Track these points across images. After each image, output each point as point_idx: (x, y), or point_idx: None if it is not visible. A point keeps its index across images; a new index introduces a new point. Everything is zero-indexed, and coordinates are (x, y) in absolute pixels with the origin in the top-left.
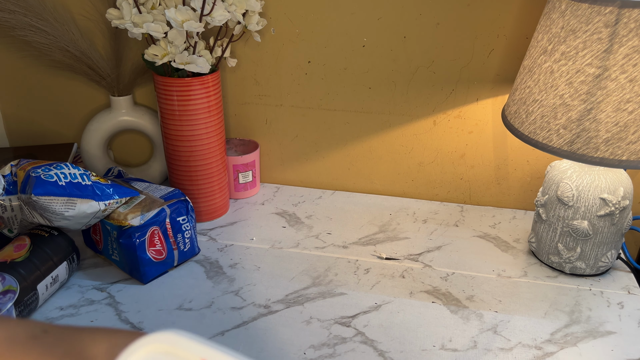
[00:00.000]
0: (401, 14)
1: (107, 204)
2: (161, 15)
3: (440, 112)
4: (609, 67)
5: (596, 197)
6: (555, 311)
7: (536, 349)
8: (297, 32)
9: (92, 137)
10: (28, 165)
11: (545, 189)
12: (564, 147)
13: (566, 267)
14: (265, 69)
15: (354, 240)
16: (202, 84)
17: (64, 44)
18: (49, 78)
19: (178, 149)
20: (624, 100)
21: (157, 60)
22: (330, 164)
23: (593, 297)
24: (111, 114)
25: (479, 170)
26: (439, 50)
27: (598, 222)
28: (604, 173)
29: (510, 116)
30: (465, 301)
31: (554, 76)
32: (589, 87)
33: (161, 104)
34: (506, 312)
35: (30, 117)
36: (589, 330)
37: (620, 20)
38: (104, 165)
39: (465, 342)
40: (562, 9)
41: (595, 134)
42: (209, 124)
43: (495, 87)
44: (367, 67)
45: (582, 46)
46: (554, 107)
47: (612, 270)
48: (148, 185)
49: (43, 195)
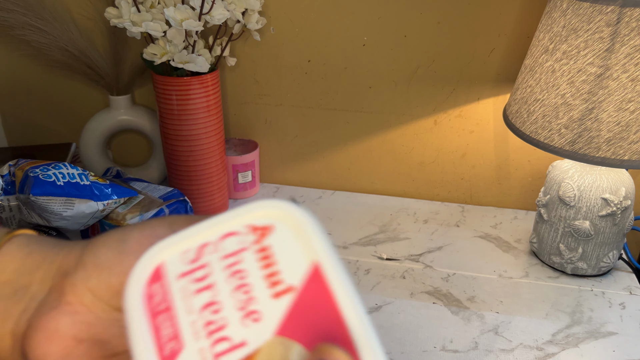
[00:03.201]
0: (402, 13)
1: (105, 204)
2: (160, 14)
3: (441, 112)
4: (610, 66)
5: (598, 197)
6: (557, 312)
7: (537, 350)
8: (297, 31)
9: (90, 137)
10: (26, 165)
11: (547, 189)
12: (565, 147)
13: (568, 267)
14: (264, 68)
15: (354, 241)
16: (201, 84)
17: (63, 43)
18: (47, 77)
19: (177, 148)
20: (625, 99)
21: (156, 60)
22: (330, 163)
23: (594, 297)
24: (110, 114)
25: (480, 170)
26: (439, 49)
27: (600, 223)
28: (606, 173)
29: (512, 116)
30: (466, 302)
31: (555, 75)
32: (591, 86)
33: (160, 103)
34: (507, 313)
35: (29, 117)
36: (591, 331)
37: (622, 20)
38: (102, 165)
39: (466, 343)
40: (563, 7)
41: (597, 134)
42: (208, 124)
43: (497, 87)
44: (367, 67)
45: (584, 45)
46: (555, 107)
47: (614, 271)
48: (147, 185)
49: (41, 195)
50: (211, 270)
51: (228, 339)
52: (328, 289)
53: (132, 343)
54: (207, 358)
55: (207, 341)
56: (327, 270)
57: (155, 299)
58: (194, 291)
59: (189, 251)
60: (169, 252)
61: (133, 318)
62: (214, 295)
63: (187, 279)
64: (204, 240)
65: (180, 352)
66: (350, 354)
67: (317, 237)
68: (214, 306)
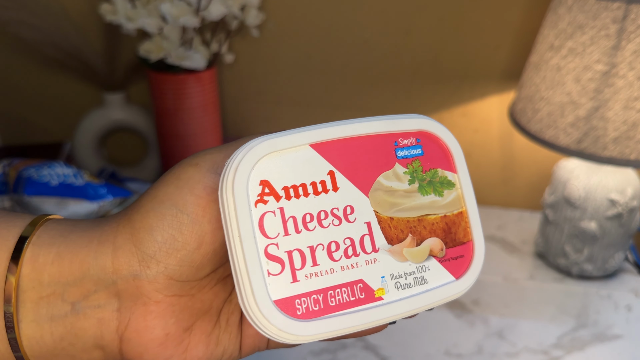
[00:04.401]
0: (404, 8)
1: (100, 205)
2: (156, 9)
3: (444, 110)
4: (617, 63)
5: (604, 198)
6: (562, 315)
7: (543, 354)
8: (297, 27)
9: (84, 136)
10: (20, 165)
11: (552, 189)
12: (571, 146)
13: (573, 269)
14: (263, 65)
15: None
16: (197, 81)
17: (56, 39)
18: (41, 75)
19: (173, 147)
20: (632, 98)
21: (152, 57)
22: None
23: (600, 300)
24: (104, 112)
25: (485, 170)
26: (443, 45)
27: (606, 223)
28: (612, 173)
29: (517, 114)
30: (470, 305)
31: (561, 73)
32: (597, 84)
33: (156, 101)
34: (512, 316)
35: (22, 115)
36: (596, 334)
37: (628, 16)
38: (97, 164)
39: (470, 347)
40: (568, 4)
41: (604, 132)
42: (205, 122)
43: (502, 84)
44: (369, 64)
45: (590, 42)
46: (561, 105)
47: (620, 273)
48: (142, 185)
49: (35, 195)
50: None
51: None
52: (340, 144)
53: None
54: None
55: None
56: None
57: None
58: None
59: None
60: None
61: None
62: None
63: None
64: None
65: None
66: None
67: (286, 139)
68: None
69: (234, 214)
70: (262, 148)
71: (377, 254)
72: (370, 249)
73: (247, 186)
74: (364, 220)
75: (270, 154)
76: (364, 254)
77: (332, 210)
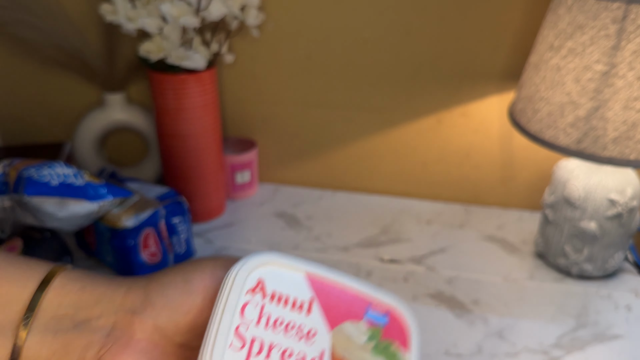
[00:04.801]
0: (404, 8)
1: (100, 205)
2: (156, 10)
3: (444, 110)
4: (616, 64)
5: (604, 198)
6: (562, 315)
7: (542, 354)
8: (297, 27)
9: (85, 136)
10: (20, 165)
11: (552, 189)
12: (571, 146)
13: (573, 269)
14: (263, 65)
15: (355, 242)
16: (198, 81)
17: (57, 40)
18: (41, 75)
19: (173, 147)
20: (632, 98)
21: (152, 57)
22: (330, 163)
23: (600, 300)
24: (104, 112)
25: (485, 170)
26: (443, 45)
27: (606, 223)
28: (612, 173)
29: (517, 114)
30: (470, 305)
31: (560, 73)
32: (597, 84)
33: (156, 101)
34: (512, 316)
35: (22, 116)
36: (596, 334)
37: (628, 16)
38: (97, 164)
39: (470, 347)
40: (568, 4)
41: (603, 133)
42: (205, 122)
43: (502, 84)
44: (369, 64)
45: (590, 42)
46: (561, 105)
47: (620, 273)
48: (142, 185)
49: (35, 195)
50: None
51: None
52: (328, 284)
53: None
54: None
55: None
56: (317, 273)
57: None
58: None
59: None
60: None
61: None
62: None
63: None
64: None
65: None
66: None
67: (297, 260)
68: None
69: (229, 288)
70: (274, 256)
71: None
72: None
73: (248, 276)
74: (320, 347)
75: (276, 264)
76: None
77: (300, 326)
